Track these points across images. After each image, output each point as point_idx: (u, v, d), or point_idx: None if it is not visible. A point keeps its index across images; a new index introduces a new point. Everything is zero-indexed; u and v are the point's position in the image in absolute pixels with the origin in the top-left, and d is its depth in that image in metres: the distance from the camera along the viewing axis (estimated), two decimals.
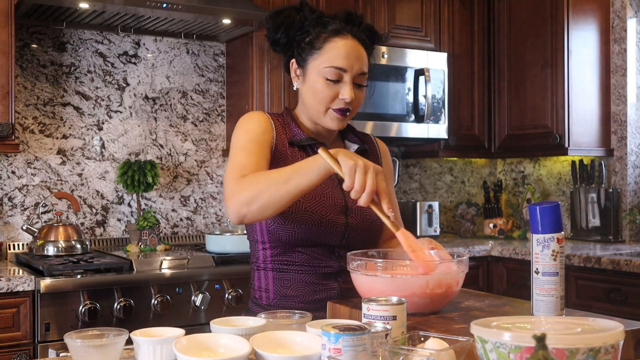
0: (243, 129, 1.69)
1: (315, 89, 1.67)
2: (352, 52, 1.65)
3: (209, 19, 3.13)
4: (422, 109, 3.65)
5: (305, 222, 1.62)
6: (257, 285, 1.72)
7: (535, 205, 1.29)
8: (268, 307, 1.67)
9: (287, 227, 1.62)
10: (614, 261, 3.02)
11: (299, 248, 1.65)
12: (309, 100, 1.70)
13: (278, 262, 1.67)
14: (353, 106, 1.68)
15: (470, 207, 4.20)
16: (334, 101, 1.66)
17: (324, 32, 1.66)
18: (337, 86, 1.65)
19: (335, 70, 1.64)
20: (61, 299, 2.50)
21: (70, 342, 1.17)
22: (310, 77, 1.68)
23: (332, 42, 1.65)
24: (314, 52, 1.67)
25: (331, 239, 1.65)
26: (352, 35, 1.67)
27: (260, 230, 1.67)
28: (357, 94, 1.67)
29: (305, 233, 1.62)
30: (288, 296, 1.66)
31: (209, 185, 3.61)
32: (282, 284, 1.67)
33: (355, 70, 1.65)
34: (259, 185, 1.50)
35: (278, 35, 1.71)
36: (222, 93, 3.65)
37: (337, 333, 1.05)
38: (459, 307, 1.44)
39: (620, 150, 3.77)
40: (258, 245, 1.70)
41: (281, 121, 1.74)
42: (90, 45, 3.32)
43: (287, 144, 1.71)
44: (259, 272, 1.71)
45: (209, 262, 2.86)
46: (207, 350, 1.19)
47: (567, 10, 3.66)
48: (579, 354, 0.91)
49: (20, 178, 3.16)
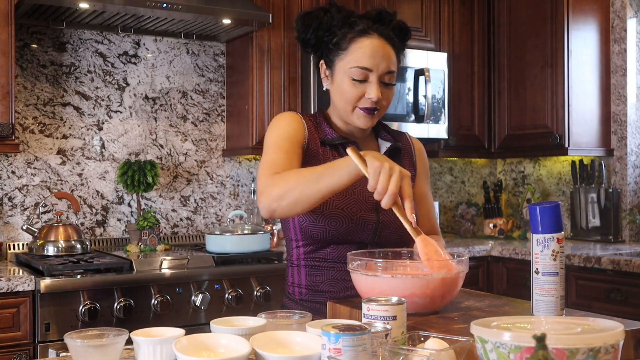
0: (275, 127, 1.72)
1: (342, 89, 1.69)
2: (378, 51, 1.66)
3: (209, 19, 3.13)
4: (422, 109, 3.65)
5: (336, 219, 1.64)
6: (290, 281, 1.77)
7: (535, 205, 1.29)
8: (301, 301, 1.72)
9: (318, 225, 1.65)
10: (614, 261, 3.02)
11: (331, 245, 1.68)
12: (337, 100, 1.73)
13: (311, 259, 1.71)
14: (381, 105, 1.69)
15: (470, 207, 4.20)
16: (360, 100, 1.68)
17: (350, 33, 1.68)
18: (364, 86, 1.67)
19: (360, 70, 1.66)
20: (61, 299, 2.50)
21: (70, 342, 1.17)
22: (338, 77, 1.70)
23: (357, 42, 1.67)
24: (340, 53, 1.69)
25: (363, 236, 1.67)
26: (378, 34, 1.67)
27: (294, 228, 1.71)
28: (384, 92, 1.68)
29: (336, 230, 1.65)
30: (320, 291, 1.70)
31: (209, 185, 3.61)
32: (314, 280, 1.71)
33: (381, 70, 1.66)
34: (290, 183, 1.53)
35: (307, 36, 1.73)
36: (222, 93, 3.65)
37: (337, 333, 1.05)
38: (459, 307, 1.44)
39: (620, 150, 3.77)
40: (292, 243, 1.75)
41: (313, 121, 1.77)
42: (90, 45, 3.32)
43: (319, 143, 1.73)
44: (292, 269, 1.76)
45: (209, 262, 2.86)
46: (207, 350, 1.19)
47: (567, 10, 3.66)
48: (579, 354, 0.91)
49: (20, 178, 3.16)
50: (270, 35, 3.37)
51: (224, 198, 3.64)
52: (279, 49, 3.40)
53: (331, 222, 1.64)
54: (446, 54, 3.80)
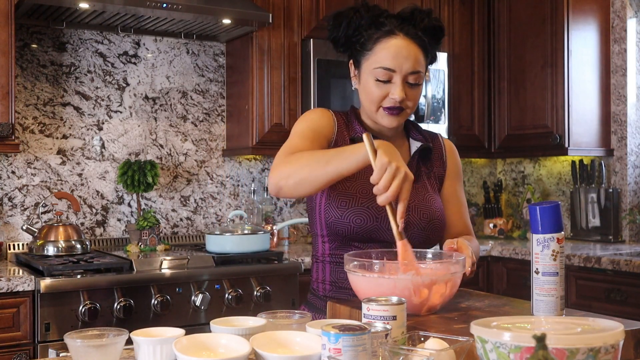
0: (305, 119, 1.75)
1: (367, 89, 1.70)
2: (402, 52, 1.66)
3: (209, 19, 3.13)
4: (422, 109, 3.65)
5: (362, 217, 1.65)
6: (314, 277, 1.78)
7: (535, 205, 1.29)
8: (324, 298, 1.72)
9: (344, 222, 1.66)
10: (614, 261, 3.02)
11: (355, 243, 1.69)
12: (363, 100, 1.74)
13: (335, 256, 1.72)
14: (407, 105, 1.69)
15: (470, 207, 4.20)
16: (384, 100, 1.68)
17: (376, 33, 1.68)
18: (388, 86, 1.67)
19: (384, 70, 1.66)
20: (61, 299, 2.50)
21: (70, 342, 1.17)
22: (363, 77, 1.71)
23: (382, 43, 1.67)
24: (366, 53, 1.69)
25: (387, 235, 1.66)
26: (404, 33, 1.67)
27: (320, 224, 1.72)
28: (409, 92, 1.68)
29: (360, 228, 1.65)
30: (343, 288, 1.70)
31: (209, 185, 3.61)
32: (338, 276, 1.72)
33: (405, 70, 1.66)
34: (301, 161, 1.55)
35: (337, 35, 1.74)
36: (222, 93, 3.65)
37: (337, 333, 1.05)
38: (459, 307, 1.44)
39: (620, 150, 3.77)
40: (318, 238, 1.76)
41: (344, 119, 1.79)
42: (90, 45, 3.32)
43: (349, 140, 1.74)
44: (317, 265, 1.77)
45: (209, 262, 2.86)
46: (207, 350, 1.19)
47: (567, 10, 3.66)
48: (579, 354, 0.91)
49: (20, 178, 3.16)
50: (270, 35, 3.37)
51: (224, 198, 3.64)
52: (279, 49, 3.40)
53: (357, 220, 1.65)
54: (446, 54, 3.81)
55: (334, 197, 1.67)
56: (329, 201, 1.68)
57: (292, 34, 3.42)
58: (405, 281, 1.35)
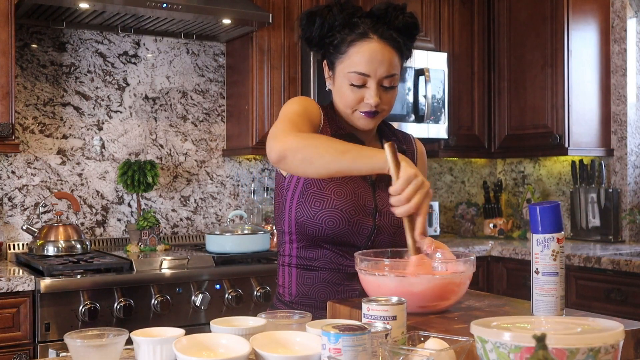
0: (295, 103, 1.69)
1: (342, 92, 1.68)
2: (376, 56, 1.63)
3: (209, 19, 3.13)
4: (422, 109, 3.65)
5: (334, 219, 1.62)
6: (281, 281, 1.74)
7: (535, 205, 1.29)
8: (290, 303, 1.69)
9: (315, 222, 1.62)
10: (614, 261, 3.02)
11: (324, 244, 1.66)
12: (337, 102, 1.72)
13: (303, 258, 1.68)
14: (382, 108, 1.67)
15: (470, 207, 4.19)
16: (360, 104, 1.66)
17: (349, 36, 1.65)
18: (363, 90, 1.65)
19: (358, 75, 1.64)
20: (61, 299, 2.50)
21: (70, 342, 1.17)
22: (338, 80, 1.69)
23: (355, 47, 1.64)
24: (339, 56, 1.67)
25: (357, 240, 1.65)
26: (378, 36, 1.64)
27: (289, 221, 1.68)
28: (384, 96, 1.66)
29: (331, 230, 1.62)
30: (309, 295, 1.67)
31: (209, 185, 3.61)
32: (304, 282, 1.68)
33: (380, 74, 1.63)
34: (316, 141, 1.49)
35: (310, 35, 1.70)
36: (222, 93, 3.65)
37: (337, 333, 1.05)
38: (459, 307, 1.44)
39: (620, 150, 3.77)
40: (285, 236, 1.71)
41: (327, 113, 1.75)
42: (90, 45, 3.32)
43: (330, 133, 1.70)
44: (284, 269, 1.73)
45: (209, 262, 2.86)
46: (207, 350, 1.19)
47: (567, 10, 3.66)
48: (579, 354, 0.91)
49: (20, 178, 3.16)
50: (270, 35, 3.37)
51: (224, 198, 3.64)
52: (279, 49, 3.40)
53: (329, 222, 1.62)
54: (446, 54, 3.80)
55: (307, 196, 1.63)
56: (301, 199, 1.64)
57: (292, 34, 3.42)
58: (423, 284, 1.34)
